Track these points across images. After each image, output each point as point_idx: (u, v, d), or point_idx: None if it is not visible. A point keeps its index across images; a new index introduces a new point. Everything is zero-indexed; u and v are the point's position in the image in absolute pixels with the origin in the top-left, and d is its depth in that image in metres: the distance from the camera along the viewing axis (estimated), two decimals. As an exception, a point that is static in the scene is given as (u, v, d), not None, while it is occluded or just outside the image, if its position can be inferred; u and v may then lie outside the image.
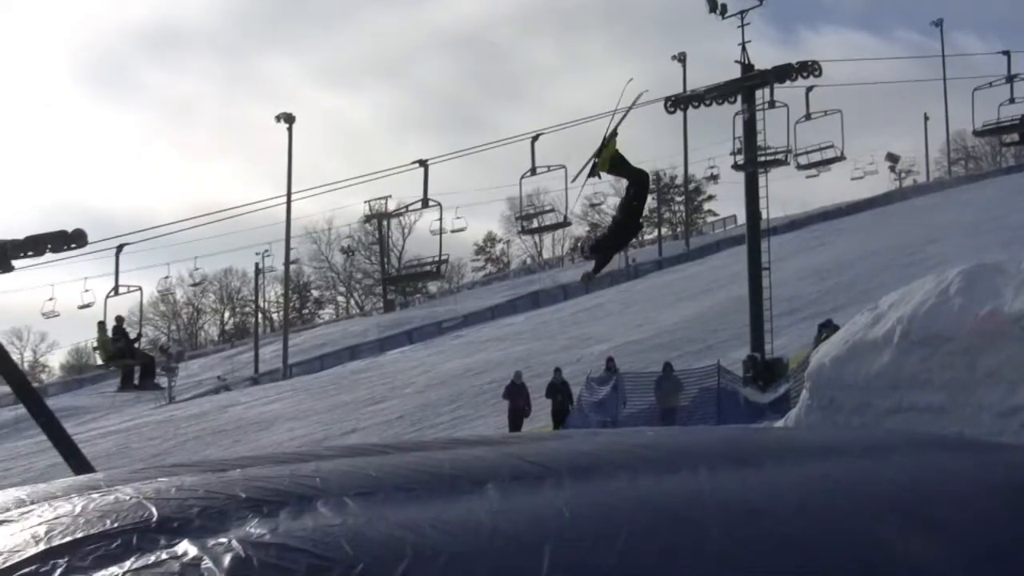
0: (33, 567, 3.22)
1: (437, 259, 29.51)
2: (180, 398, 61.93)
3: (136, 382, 31.26)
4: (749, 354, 30.88)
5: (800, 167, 37.49)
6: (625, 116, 19.31)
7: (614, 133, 19.01)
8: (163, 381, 61.69)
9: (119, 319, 30.13)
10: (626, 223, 18.74)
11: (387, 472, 3.93)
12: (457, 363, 48.91)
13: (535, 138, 27.69)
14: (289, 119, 71.24)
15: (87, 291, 45.53)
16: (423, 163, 26.02)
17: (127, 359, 29.58)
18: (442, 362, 50.77)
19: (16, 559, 3.28)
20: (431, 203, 27.12)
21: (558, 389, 31.25)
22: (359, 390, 47.14)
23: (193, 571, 3.10)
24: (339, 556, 3.16)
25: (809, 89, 32.54)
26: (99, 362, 31.33)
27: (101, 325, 29.04)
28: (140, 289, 30.61)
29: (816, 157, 37.26)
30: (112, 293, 27.22)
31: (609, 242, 19.03)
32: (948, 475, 4.26)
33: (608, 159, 18.39)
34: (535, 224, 35.87)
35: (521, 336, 54.46)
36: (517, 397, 30.88)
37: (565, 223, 35.40)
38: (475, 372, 44.54)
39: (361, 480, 3.82)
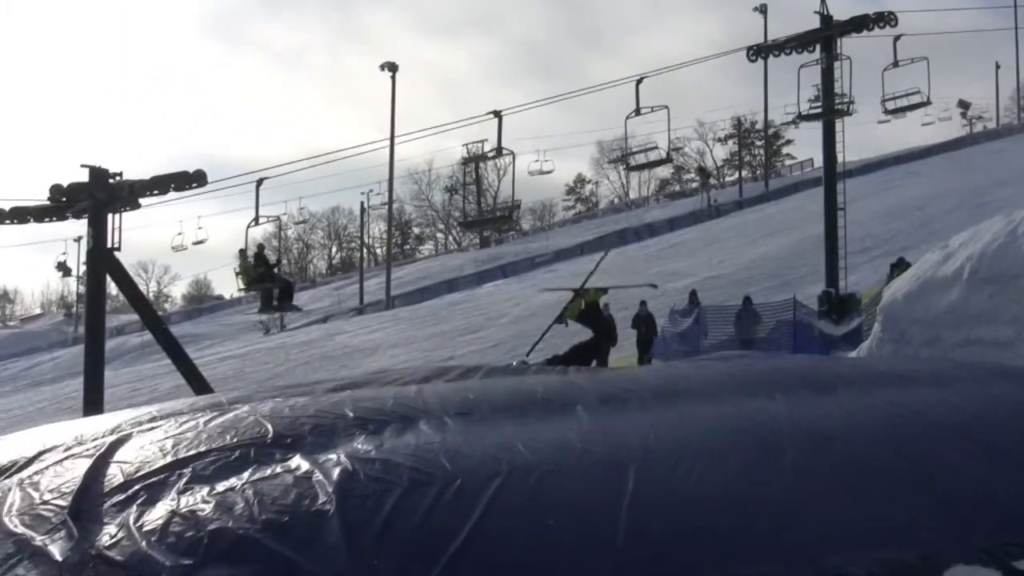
0: (162, 475, 3.31)
1: (509, 205, 29.70)
2: (291, 326, 62.63)
3: (276, 304, 31.79)
4: (824, 289, 30.61)
5: (887, 112, 37.15)
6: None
7: (602, 291, 19.42)
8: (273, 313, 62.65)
9: (260, 246, 30.67)
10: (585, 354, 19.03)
11: (484, 394, 3.97)
12: (548, 296, 48.89)
13: (639, 81, 27.85)
14: (392, 68, 71.12)
15: (200, 228, 46.29)
16: (497, 114, 26.09)
17: (267, 283, 30.03)
18: (534, 294, 50.73)
19: (148, 468, 3.38)
20: (505, 152, 27.33)
21: (643, 320, 31.16)
22: (456, 320, 47.29)
23: (305, 483, 3.17)
24: (439, 471, 3.21)
25: (897, 38, 32.18)
26: (241, 287, 31.84)
27: (242, 252, 29.54)
28: (279, 219, 31.11)
29: (903, 103, 36.89)
30: (252, 223, 27.77)
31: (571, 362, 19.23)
32: (1014, 404, 4.24)
33: (577, 310, 18.85)
34: (635, 161, 36.01)
35: (609, 271, 54.23)
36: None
37: (667, 159, 35.76)
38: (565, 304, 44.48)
39: (460, 402, 3.87)
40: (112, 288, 24.18)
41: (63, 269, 67.85)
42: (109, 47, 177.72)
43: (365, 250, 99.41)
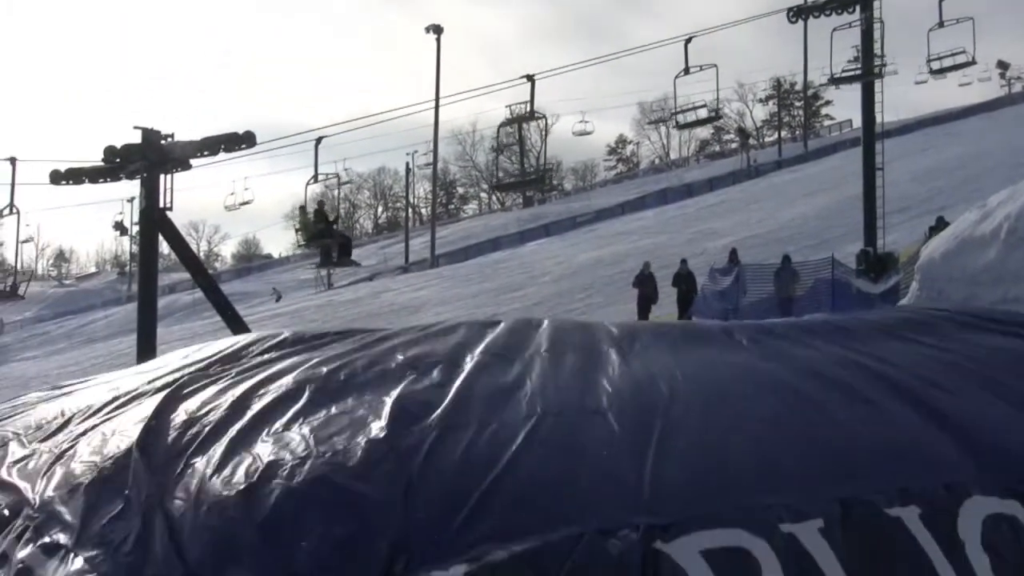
0: (224, 413, 3.51)
1: (541, 168, 29.82)
2: (338, 284, 62.85)
3: (335, 259, 32.09)
4: (862, 248, 30.50)
5: (933, 72, 37.04)
6: None
7: None
8: (322, 270, 62.84)
9: (320, 203, 30.95)
10: None
11: (524, 338, 4.11)
12: (590, 254, 48.86)
13: (688, 40, 27.85)
14: (438, 30, 70.95)
15: (246, 189, 46.55)
16: (530, 78, 26.18)
17: (326, 239, 30.30)
18: (576, 253, 50.73)
19: (210, 407, 3.59)
20: (538, 115, 27.56)
21: (683, 279, 31.13)
22: (500, 278, 47.34)
23: (359, 423, 3.34)
24: (475, 414, 3.40)
25: (942, -1, 32.18)
26: (300, 242, 32.30)
27: (302, 209, 29.93)
28: (338, 176, 31.42)
29: (948, 62, 36.82)
30: (312, 180, 28.10)
31: None
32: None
33: None
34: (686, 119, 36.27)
35: (649, 230, 54.19)
36: (646, 286, 30.87)
37: (716, 117, 35.87)
38: (606, 263, 44.47)
39: (503, 345, 4.01)
40: (164, 247, 24.38)
41: (120, 228, 68.45)
42: (162, 11, 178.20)
43: (410, 210, 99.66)
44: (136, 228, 40.42)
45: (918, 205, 40.36)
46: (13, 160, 42.91)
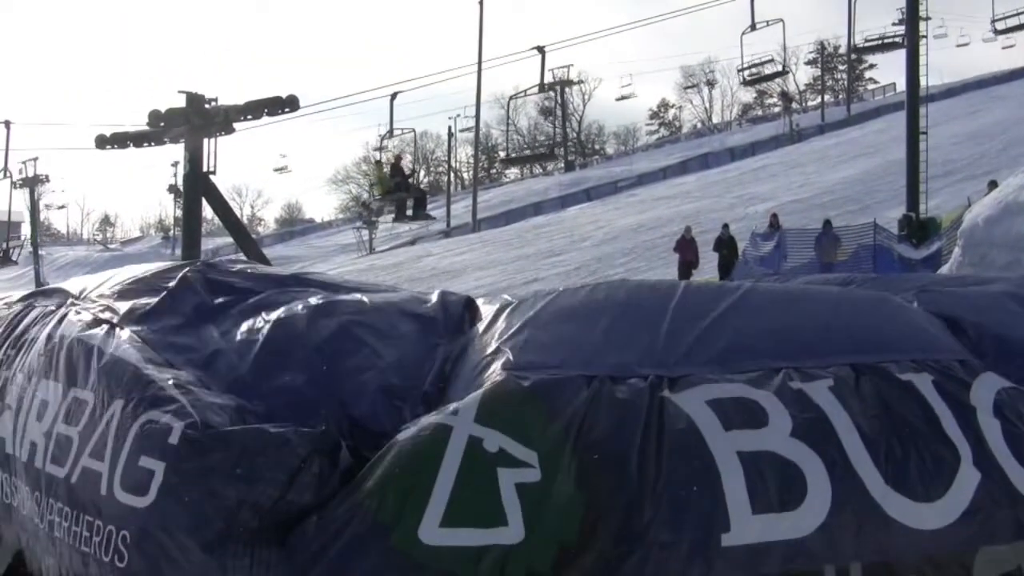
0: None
1: (552, 141, 29.95)
2: (379, 249, 62.93)
3: (409, 213, 32.20)
4: (904, 213, 30.33)
5: (997, 32, 36.87)
6: None
7: None
8: (364, 234, 62.82)
9: (397, 158, 31.16)
10: None
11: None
12: (631, 219, 48.69)
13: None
14: (481, -6, 70.61)
15: (283, 156, 46.72)
16: (540, 49, 26.22)
17: (402, 193, 30.46)
18: (617, 218, 50.55)
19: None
20: (549, 85, 27.89)
21: (725, 244, 31.07)
22: (541, 243, 47.23)
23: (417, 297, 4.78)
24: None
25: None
26: (376, 197, 32.60)
27: (379, 164, 30.23)
28: (413, 131, 31.82)
29: (1013, 22, 36.66)
30: (387, 135, 28.51)
31: None
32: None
33: None
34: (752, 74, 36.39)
35: (691, 195, 53.95)
36: (687, 250, 30.83)
37: (783, 72, 35.84)
38: (648, 228, 44.33)
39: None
40: (208, 211, 24.42)
41: (175, 191, 68.96)
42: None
43: (452, 174, 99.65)
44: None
45: (961, 170, 40.04)
46: (8, 123, 43.46)
